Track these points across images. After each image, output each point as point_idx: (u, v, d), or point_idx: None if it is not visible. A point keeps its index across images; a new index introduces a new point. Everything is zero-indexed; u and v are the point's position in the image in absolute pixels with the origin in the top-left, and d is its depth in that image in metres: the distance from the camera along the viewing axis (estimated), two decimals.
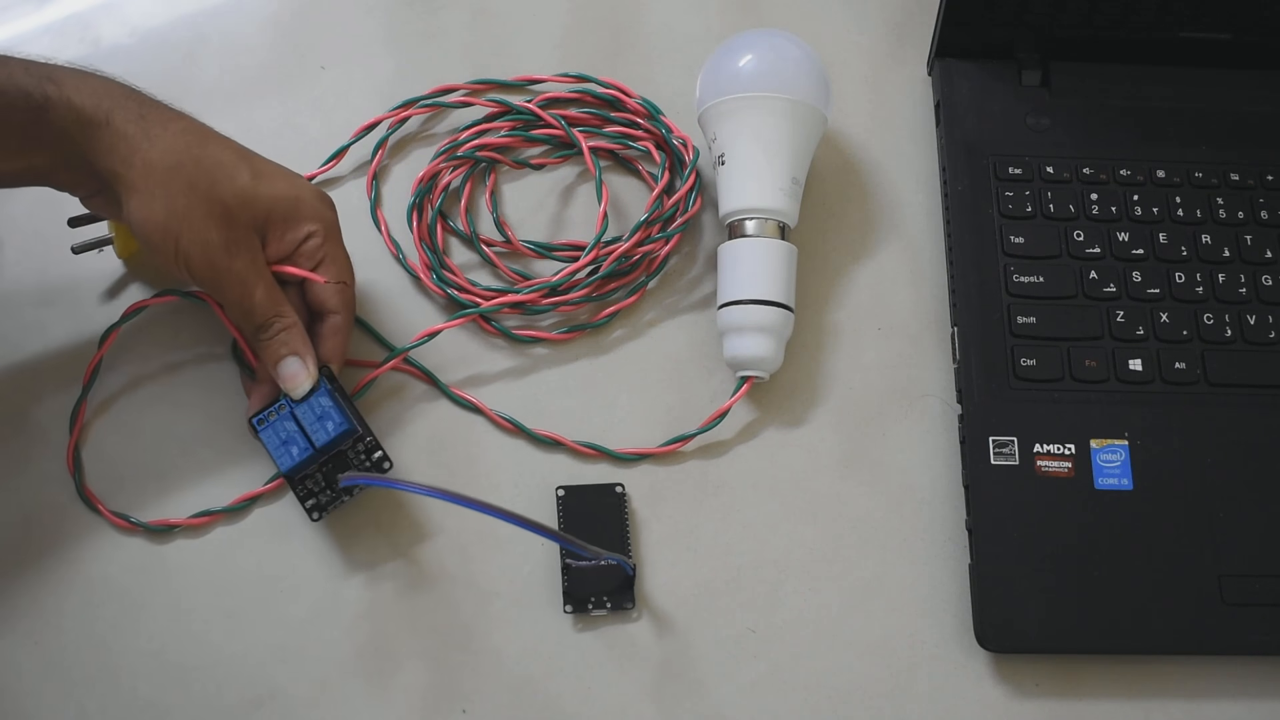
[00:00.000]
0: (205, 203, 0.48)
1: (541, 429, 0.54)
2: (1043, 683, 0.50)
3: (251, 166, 0.50)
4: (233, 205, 0.48)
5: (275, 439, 0.50)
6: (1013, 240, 0.56)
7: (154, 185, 0.47)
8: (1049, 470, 0.52)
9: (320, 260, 0.51)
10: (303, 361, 0.50)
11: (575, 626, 0.51)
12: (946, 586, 0.52)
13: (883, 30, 0.65)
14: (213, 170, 0.48)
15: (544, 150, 0.61)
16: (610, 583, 0.51)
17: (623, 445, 0.54)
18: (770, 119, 0.55)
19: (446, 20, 0.64)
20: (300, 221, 0.51)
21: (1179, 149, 0.59)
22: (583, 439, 0.54)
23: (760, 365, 0.54)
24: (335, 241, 0.52)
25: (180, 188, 0.48)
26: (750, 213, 0.55)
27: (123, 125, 0.47)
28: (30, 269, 0.57)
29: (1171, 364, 0.54)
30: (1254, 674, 0.51)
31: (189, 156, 0.48)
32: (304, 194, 0.51)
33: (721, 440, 0.55)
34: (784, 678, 0.50)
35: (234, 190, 0.49)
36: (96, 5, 0.64)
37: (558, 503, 0.52)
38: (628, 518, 0.53)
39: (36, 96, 0.46)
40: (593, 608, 0.51)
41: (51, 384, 0.54)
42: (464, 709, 0.50)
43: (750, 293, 0.53)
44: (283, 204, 0.50)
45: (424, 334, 0.54)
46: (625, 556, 0.51)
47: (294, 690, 0.50)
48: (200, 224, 0.48)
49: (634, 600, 0.51)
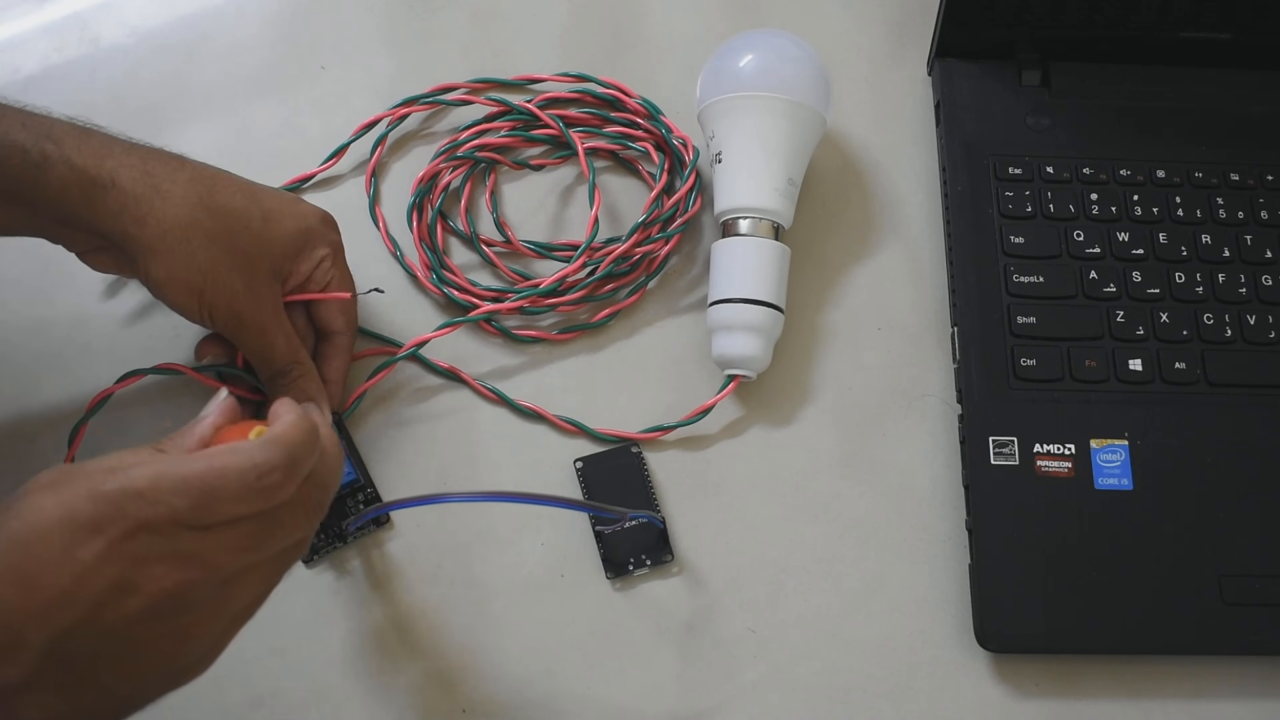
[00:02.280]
0: (227, 255, 0.47)
1: (550, 413, 0.55)
2: (1043, 683, 0.50)
3: (261, 208, 0.49)
4: (252, 254, 0.48)
5: None
6: (1013, 240, 0.56)
7: (173, 244, 0.46)
8: (1049, 470, 0.52)
9: (329, 283, 0.52)
10: (317, 407, 0.50)
11: (574, 625, 0.51)
12: (946, 586, 0.52)
13: (883, 30, 0.65)
14: (228, 220, 0.48)
15: (544, 150, 0.61)
16: (645, 541, 0.52)
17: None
18: (768, 119, 0.55)
19: (446, 20, 0.64)
20: (312, 252, 0.51)
21: (1179, 149, 0.59)
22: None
23: (747, 364, 0.54)
24: (341, 264, 0.53)
25: (200, 243, 0.47)
26: (744, 212, 0.55)
27: (129, 185, 0.46)
28: (29, 269, 0.57)
29: (1171, 364, 0.54)
30: (1254, 674, 0.51)
31: (203, 210, 0.47)
32: (311, 224, 0.51)
33: (721, 440, 0.55)
34: (784, 678, 0.50)
35: (251, 239, 0.48)
36: (96, 5, 0.64)
37: (577, 474, 0.53)
38: (649, 474, 0.53)
39: (34, 155, 0.45)
40: (633, 568, 0.51)
41: (49, 389, 0.54)
42: (464, 709, 0.50)
43: (740, 291, 0.53)
44: (295, 241, 0.50)
45: (414, 342, 0.54)
46: (653, 512, 0.52)
47: (294, 690, 0.50)
48: (224, 277, 0.47)
49: (672, 552, 0.52)
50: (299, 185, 0.60)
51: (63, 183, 0.45)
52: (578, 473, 0.53)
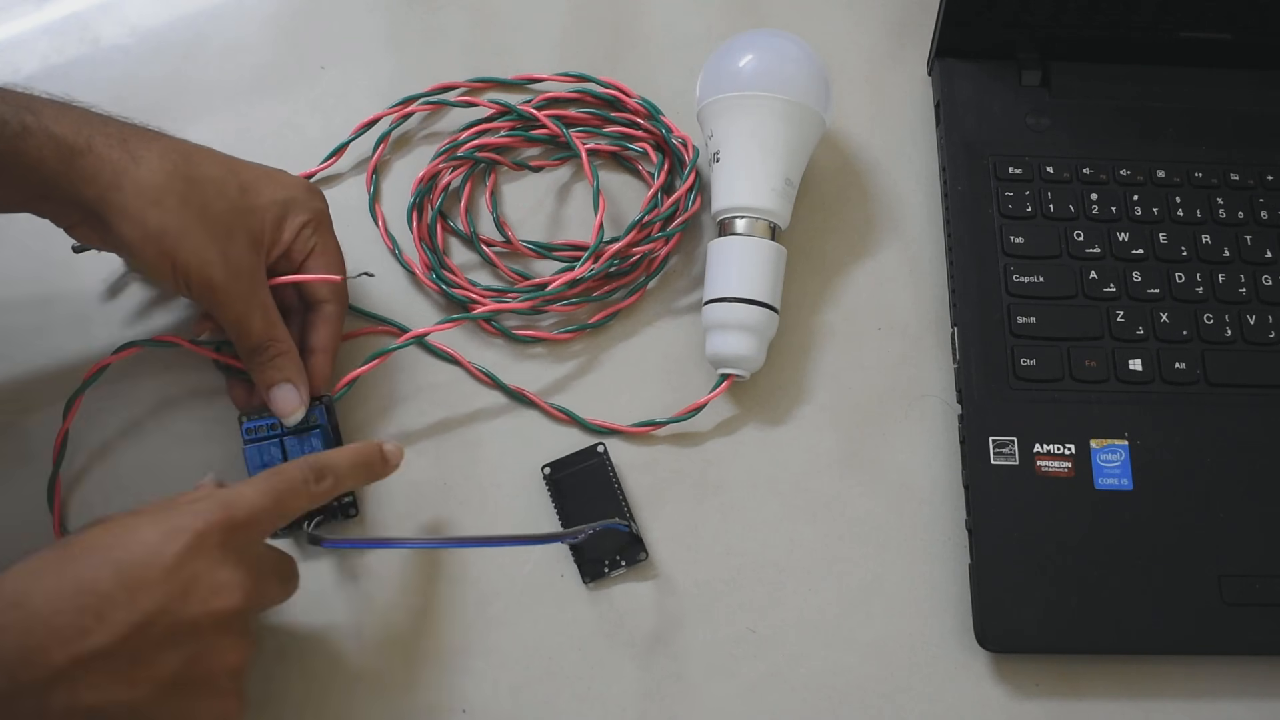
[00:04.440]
0: (200, 220, 0.47)
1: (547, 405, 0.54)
2: (1043, 683, 0.50)
3: (239, 179, 0.49)
4: (228, 222, 0.48)
5: (258, 459, 0.50)
6: (1013, 240, 0.56)
7: (146, 205, 0.46)
8: (1049, 470, 0.52)
9: (311, 250, 0.51)
10: (296, 389, 0.50)
11: (574, 625, 0.51)
12: (946, 586, 0.52)
13: (883, 30, 0.65)
14: (204, 186, 0.48)
15: (543, 150, 0.61)
16: (617, 543, 0.52)
17: (615, 443, 0.54)
18: (766, 119, 0.55)
19: (446, 20, 0.64)
20: (292, 219, 0.51)
21: (1179, 149, 0.59)
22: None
23: (740, 364, 0.54)
24: (326, 231, 0.52)
25: (173, 205, 0.47)
26: (741, 211, 0.54)
27: (105, 150, 0.46)
28: (29, 268, 0.57)
29: (1171, 364, 0.54)
30: (1254, 674, 0.51)
31: (178, 174, 0.47)
32: (292, 193, 0.51)
33: (721, 440, 0.55)
34: (784, 678, 0.50)
35: (227, 206, 0.48)
36: (96, 5, 0.64)
37: (545, 481, 0.53)
38: (614, 475, 0.53)
39: (14, 125, 0.45)
40: (609, 569, 0.51)
41: (47, 393, 0.54)
42: (464, 709, 0.50)
43: (735, 291, 0.53)
44: (274, 210, 0.50)
45: (413, 334, 0.54)
46: (616, 518, 0.52)
47: (295, 690, 0.50)
48: (197, 241, 0.47)
49: (645, 550, 0.52)
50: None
51: (40, 151, 0.46)
52: (545, 479, 0.53)
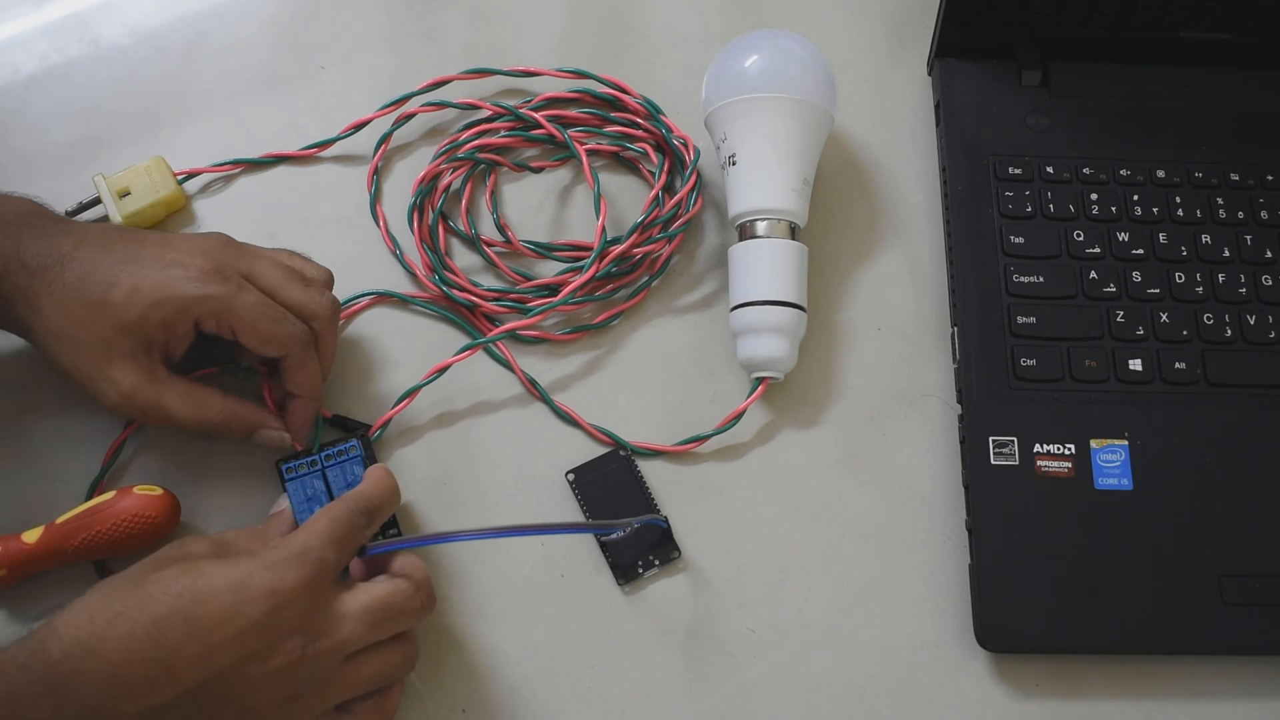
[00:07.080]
0: (103, 350, 0.47)
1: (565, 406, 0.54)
2: (1043, 683, 0.50)
3: (132, 283, 0.47)
4: (121, 345, 0.48)
5: (301, 494, 0.50)
6: (1013, 240, 0.56)
7: (58, 345, 0.48)
8: (1049, 470, 0.52)
9: (227, 327, 0.49)
10: (270, 431, 0.51)
11: (573, 625, 0.51)
12: (946, 586, 0.52)
13: (883, 30, 0.65)
14: (98, 315, 0.47)
15: (543, 151, 0.61)
16: (649, 541, 0.52)
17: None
18: (782, 120, 0.55)
19: (446, 20, 0.64)
20: (182, 315, 0.48)
21: (1179, 149, 0.59)
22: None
23: (775, 366, 0.54)
24: (238, 303, 0.48)
25: (79, 339, 0.47)
26: (762, 214, 0.54)
27: (20, 279, 0.47)
28: None
29: (1171, 364, 0.54)
30: (1254, 674, 0.51)
31: (71, 316, 0.47)
32: (175, 292, 0.48)
33: (720, 440, 0.55)
34: (784, 678, 0.50)
35: (116, 328, 0.47)
36: (96, 5, 0.64)
37: (571, 487, 0.53)
38: (642, 476, 0.53)
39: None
40: (643, 570, 0.51)
41: (46, 395, 0.54)
42: (463, 709, 0.50)
43: (764, 294, 0.53)
44: (156, 311, 0.48)
45: (436, 368, 0.53)
46: (654, 514, 0.52)
47: None
48: (100, 372, 0.48)
49: (678, 549, 0.52)
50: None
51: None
52: (570, 485, 0.53)
